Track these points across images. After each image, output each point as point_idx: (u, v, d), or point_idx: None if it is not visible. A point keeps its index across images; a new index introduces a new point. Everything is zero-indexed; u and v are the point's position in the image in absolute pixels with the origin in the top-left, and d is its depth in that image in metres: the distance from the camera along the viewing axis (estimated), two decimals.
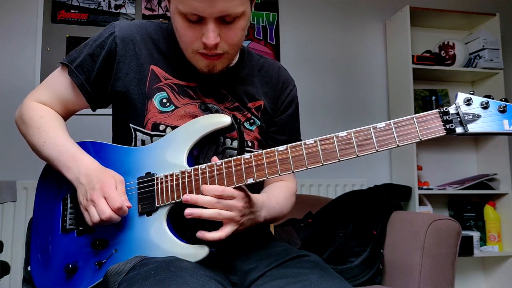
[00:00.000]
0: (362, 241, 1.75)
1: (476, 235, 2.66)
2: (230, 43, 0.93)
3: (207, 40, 0.89)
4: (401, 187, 2.60)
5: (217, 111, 1.01)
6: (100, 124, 2.02)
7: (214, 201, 0.84)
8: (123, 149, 0.99)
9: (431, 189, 2.73)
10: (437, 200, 2.82)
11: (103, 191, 0.87)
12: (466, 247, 2.54)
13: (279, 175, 0.82)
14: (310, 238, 1.83)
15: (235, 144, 1.01)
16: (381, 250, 1.72)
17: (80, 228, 0.95)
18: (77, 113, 1.11)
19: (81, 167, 0.92)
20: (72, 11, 2.53)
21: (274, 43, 2.78)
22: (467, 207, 2.82)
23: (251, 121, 1.06)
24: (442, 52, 2.84)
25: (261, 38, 2.77)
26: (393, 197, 2.42)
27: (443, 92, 2.96)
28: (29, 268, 1.01)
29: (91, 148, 1.02)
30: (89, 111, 1.11)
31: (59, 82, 1.05)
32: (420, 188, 2.65)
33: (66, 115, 1.09)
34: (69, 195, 0.99)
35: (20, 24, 2.48)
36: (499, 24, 2.88)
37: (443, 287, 1.51)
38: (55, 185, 1.02)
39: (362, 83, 2.90)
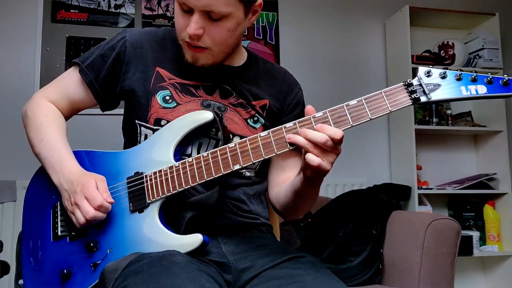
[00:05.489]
0: (361, 241, 1.75)
1: (475, 234, 2.66)
2: (213, 40, 0.98)
3: (189, 29, 0.95)
4: (401, 187, 2.60)
5: (219, 108, 1.04)
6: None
7: (328, 142, 0.79)
8: (111, 154, 1.03)
9: (431, 188, 2.73)
10: (436, 200, 2.82)
11: (83, 193, 0.90)
12: (465, 247, 2.54)
13: (264, 158, 0.86)
14: (309, 238, 1.83)
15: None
16: (381, 250, 1.73)
17: (73, 233, 0.97)
18: (89, 113, 1.16)
19: (64, 171, 0.96)
20: (72, 11, 2.53)
21: (273, 43, 2.78)
22: (467, 206, 2.82)
23: (255, 118, 1.08)
24: (442, 51, 2.84)
25: (261, 38, 2.77)
26: (392, 196, 2.42)
27: None
28: (20, 282, 1.01)
29: (86, 156, 1.05)
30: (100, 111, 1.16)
31: (69, 80, 1.11)
32: (419, 188, 2.65)
33: (71, 113, 1.14)
34: (58, 202, 1.01)
35: (20, 24, 2.48)
36: (499, 23, 2.89)
37: (442, 287, 1.52)
38: (43, 195, 1.04)
39: (361, 83, 2.90)
